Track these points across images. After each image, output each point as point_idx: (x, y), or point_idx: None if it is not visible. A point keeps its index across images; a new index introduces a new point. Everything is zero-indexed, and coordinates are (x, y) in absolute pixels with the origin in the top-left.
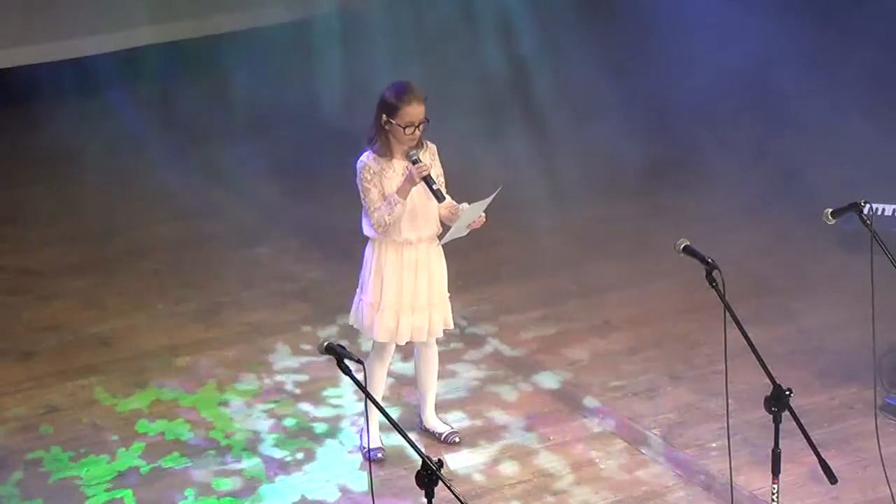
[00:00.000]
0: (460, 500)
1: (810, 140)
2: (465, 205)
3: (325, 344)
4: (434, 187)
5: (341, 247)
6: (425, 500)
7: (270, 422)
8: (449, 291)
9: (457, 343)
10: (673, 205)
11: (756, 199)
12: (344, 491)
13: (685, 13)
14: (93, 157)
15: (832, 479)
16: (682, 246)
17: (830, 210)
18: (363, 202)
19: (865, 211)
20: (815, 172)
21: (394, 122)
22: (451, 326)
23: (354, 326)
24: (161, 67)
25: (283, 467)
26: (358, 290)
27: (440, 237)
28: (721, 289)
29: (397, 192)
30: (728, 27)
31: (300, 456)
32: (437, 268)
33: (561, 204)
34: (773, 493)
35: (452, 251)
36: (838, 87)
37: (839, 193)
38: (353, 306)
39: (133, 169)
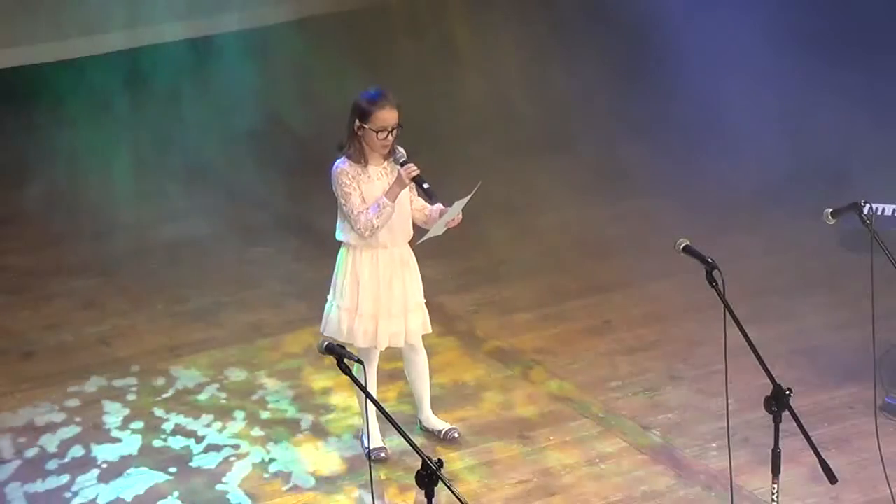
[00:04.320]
0: (460, 500)
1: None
2: (438, 205)
3: (325, 344)
4: (426, 186)
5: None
6: (425, 501)
7: (270, 422)
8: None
9: (456, 342)
10: (673, 204)
11: (756, 199)
12: (344, 490)
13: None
14: (92, 156)
15: (832, 479)
16: (682, 246)
17: (830, 210)
18: (344, 207)
19: (865, 211)
20: (816, 173)
21: (367, 126)
22: (429, 331)
23: (325, 334)
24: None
25: (283, 467)
26: (330, 297)
27: (417, 238)
28: (721, 289)
29: (386, 195)
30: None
31: (300, 456)
32: (411, 271)
33: (561, 204)
34: (773, 493)
35: (452, 251)
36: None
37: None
38: (325, 313)
39: (133, 169)
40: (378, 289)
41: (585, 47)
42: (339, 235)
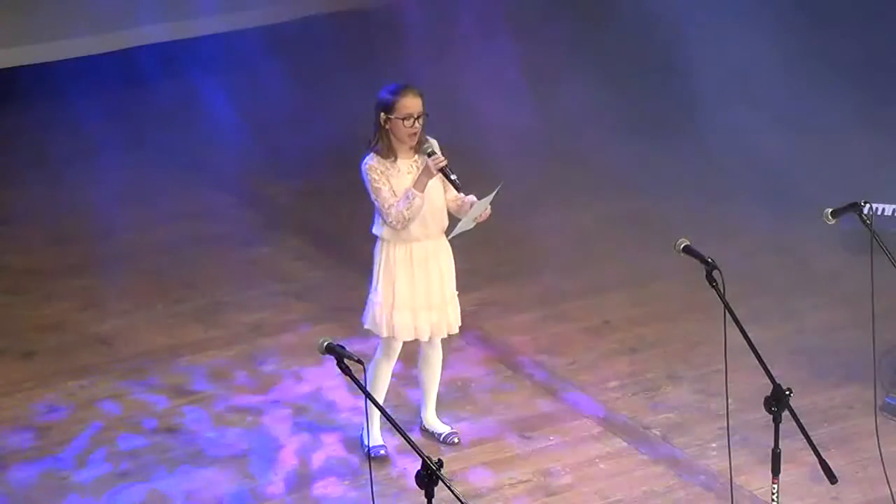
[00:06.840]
0: (460, 501)
1: (810, 141)
2: (471, 197)
3: (325, 344)
4: (452, 177)
5: (341, 246)
6: (425, 500)
7: (270, 421)
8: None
9: (456, 342)
10: (672, 204)
11: (756, 199)
12: (344, 490)
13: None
14: (93, 156)
15: (832, 479)
16: (682, 246)
17: (830, 210)
18: (376, 202)
19: (865, 211)
20: (814, 173)
21: (393, 117)
22: (460, 323)
23: (368, 328)
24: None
25: (283, 467)
26: (370, 292)
27: (447, 232)
28: (721, 289)
29: (414, 186)
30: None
31: (301, 455)
32: (447, 263)
33: (561, 204)
34: (773, 493)
35: (452, 251)
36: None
37: (837, 193)
38: (367, 308)
39: (133, 168)
40: (414, 282)
41: (587, 52)
42: (374, 229)
